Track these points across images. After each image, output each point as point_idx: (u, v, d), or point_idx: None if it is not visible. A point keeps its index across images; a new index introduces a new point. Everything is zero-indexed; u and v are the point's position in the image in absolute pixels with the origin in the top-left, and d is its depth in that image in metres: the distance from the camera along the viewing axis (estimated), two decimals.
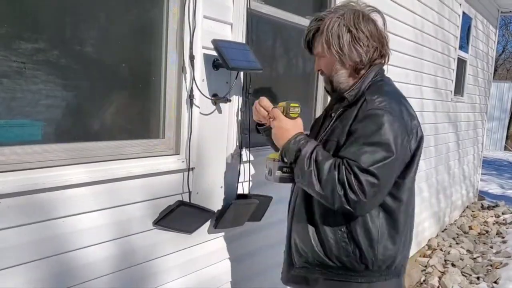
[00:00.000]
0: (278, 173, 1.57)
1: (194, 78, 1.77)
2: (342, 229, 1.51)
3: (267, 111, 1.69)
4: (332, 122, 1.57)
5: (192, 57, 1.75)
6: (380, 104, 1.42)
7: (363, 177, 1.34)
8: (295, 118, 1.59)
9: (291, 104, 1.58)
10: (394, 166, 1.40)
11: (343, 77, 1.57)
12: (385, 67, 1.62)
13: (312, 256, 1.58)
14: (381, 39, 1.55)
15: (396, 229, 1.53)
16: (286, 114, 1.59)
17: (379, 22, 1.57)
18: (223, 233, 2.08)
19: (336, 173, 1.37)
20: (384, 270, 1.54)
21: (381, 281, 1.54)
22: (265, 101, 1.70)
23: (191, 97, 1.79)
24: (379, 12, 1.58)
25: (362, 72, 1.56)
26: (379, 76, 1.57)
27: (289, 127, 1.55)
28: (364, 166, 1.34)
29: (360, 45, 1.50)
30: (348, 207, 1.37)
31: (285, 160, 1.53)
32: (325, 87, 1.71)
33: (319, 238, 1.55)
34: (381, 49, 1.55)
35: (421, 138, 1.53)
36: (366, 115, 1.42)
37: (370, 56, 1.52)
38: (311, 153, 1.44)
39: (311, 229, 1.58)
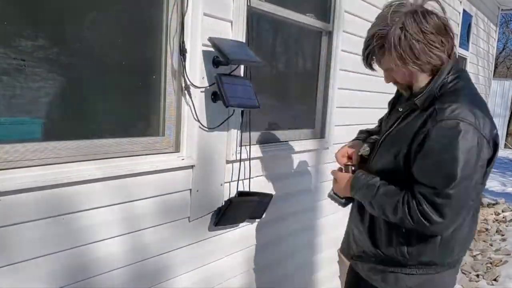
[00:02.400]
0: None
1: (192, 76, 1.77)
2: (403, 230, 1.47)
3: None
4: (397, 123, 1.50)
5: (186, 54, 1.74)
6: (451, 114, 1.32)
7: (438, 200, 1.32)
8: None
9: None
10: (471, 181, 1.33)
11: (424, 82, 1.45)
12: None
13: (387, 255, 1.54)
14: (446, 26, 1.40)
15: (461, 231, 1.47)
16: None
17: (437, 10, 1.43)
18: (225, 230, 2.08)
19: (405, 209, 1.38)
20: (444, 265, 1.51)
21: (442, 272, 1.52)
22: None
23: (190, 94, 1.78)
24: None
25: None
26: (452, 74, 1.42)
27: (342, 183, 1.62)
28: (439, 190, 1.32)
29: (436, 47, 1.38)
30: (427, 232, 1.40)
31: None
32: (400, 92, 1.61)
33: (398, 239, 1.50)
34: (452, 41, 1.42)
35: (496, 143, 1.41)
36: (437, 128, 1.32)
37: (447, 50, 1.40)
38: (375, 193, 1.47)
39: (373, 222, 1.57)
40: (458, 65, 1.47)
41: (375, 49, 1.45)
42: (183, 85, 1.78)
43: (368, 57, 1.49)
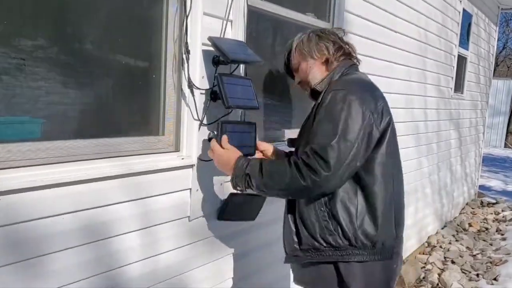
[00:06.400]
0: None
1: (192, 75, 1.78)
2: (322, 209, 1.58)
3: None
4: (307, 117, 1.69)
5: (189, 54, 1.74)
6: (341, 87, 1.55)
7: (325, 153, 1.43)
8: None
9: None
10: (356, 140, 1.46)
11: (318, 73, 1.73)
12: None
13: (302, 241, 1.65)
14: (343, 43, 1.75)
15: (374, 205, 1.58)
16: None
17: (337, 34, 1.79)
18: (223, 232, 2.07)
19: (294, 169, 1.46)
20: (370, 248, 1.58)
21: (372, 261, 1.58)
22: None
23: (190, 94, 1.78)
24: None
25: (335, 64, 1.71)
26: (352, 69, 1.71)
27: (226, 155, 1.65)
28: (325, 143, 1.44)
29: (325, 41, 1.72)
30: (315, 190, 1.48)
31: (239, 188, 1.62)
32: (308, 95, 1.82)
33: (303, 222, 1.63)
34: (345, 48, 1.74)
35: (390, 119, 1.61)
36: (326, 96, 1.54)
37: (336, 48, 1.71)
38: (260, 167, 1.54)
39: (297, 215, 1.66)
40: (357, 67, 1.78)
41: (286, 53, 1.86)
42: (183, 84, 1.78)
43: (285, 61, 1.89)
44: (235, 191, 2.03)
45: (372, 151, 1.55)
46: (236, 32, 1.96)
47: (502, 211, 6.57)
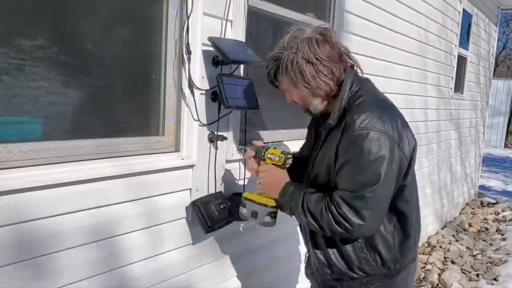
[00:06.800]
0: (267, 219, 1.62)
1: (192, 76, 1.78)
2: (360, 240, 1.54)
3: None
4: (321, 144, 1.57)
5: (191, 55, 1.74)
6: (361, 124, 1.39)
7: (356, 203, 1.39)
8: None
9: (289, 156, 1.63)
10: (386, 183, 1.41)
11: (319, 105, 1.56)
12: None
13: (335, 272, 1.60)
14: (340, 55, 1.50)
15: (409, 229, 1.58)
16: (282, 163, 1.62)
17: (331, 37, 1.50)
18: (229, 230, 2.07)
19: (329, 215, 1.42)
20: (403, 267, 1.61)
21: (400, 274, 1.61)
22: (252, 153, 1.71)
23: (191, 94, 1.78)
24: (327, 29, 1.52)
25: (337, 91, 1.52)
26: (354, 86, 1.51)
27: (278, 178, 1.61)
28: (356, 193, 1.39)
29: (324, 74, 1.47)
30: (351, 236, 1.45)
31: (286, 211, 1.60)
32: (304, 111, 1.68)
33: (339, 253, 1.58)
34: (342, 67, 1.51)
35: (415, 144, 1.54)
36: (350, 140, 1.41)
37: (336, 79, 1.49)
38: (302, 204, 1.50)
39: (326, 247, 1.60)
40: (358, 77, 1.56)
41: (272, 71, 1.56)
42: (184, 85, 1.78)
43: (269, 76, 1.59)
44: (236, 191, 2.04)
45: (402, 180, 1.51)
46: (236, 32, 1.96)
47: (502, 211, 6.57)
